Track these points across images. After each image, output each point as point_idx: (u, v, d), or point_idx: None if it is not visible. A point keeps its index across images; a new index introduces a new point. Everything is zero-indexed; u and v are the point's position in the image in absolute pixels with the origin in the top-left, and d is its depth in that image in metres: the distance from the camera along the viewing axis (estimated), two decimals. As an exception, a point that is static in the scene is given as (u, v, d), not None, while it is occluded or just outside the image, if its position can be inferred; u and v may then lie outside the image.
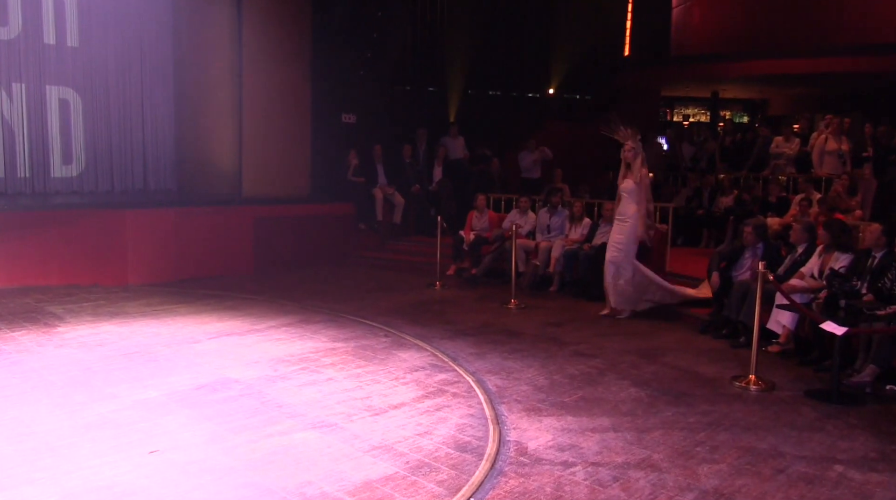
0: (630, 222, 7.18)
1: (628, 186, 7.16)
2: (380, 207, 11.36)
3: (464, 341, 6.34)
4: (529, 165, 12.54)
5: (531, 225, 9.73)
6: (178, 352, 5.76)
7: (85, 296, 7.99)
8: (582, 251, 8.64)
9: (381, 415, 4.44)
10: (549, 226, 9.46)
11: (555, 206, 9.50)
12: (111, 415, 4.30)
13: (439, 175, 12.07)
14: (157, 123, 10.88)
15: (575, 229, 9.18)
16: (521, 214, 9.83)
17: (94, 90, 10.24)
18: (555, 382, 5.25)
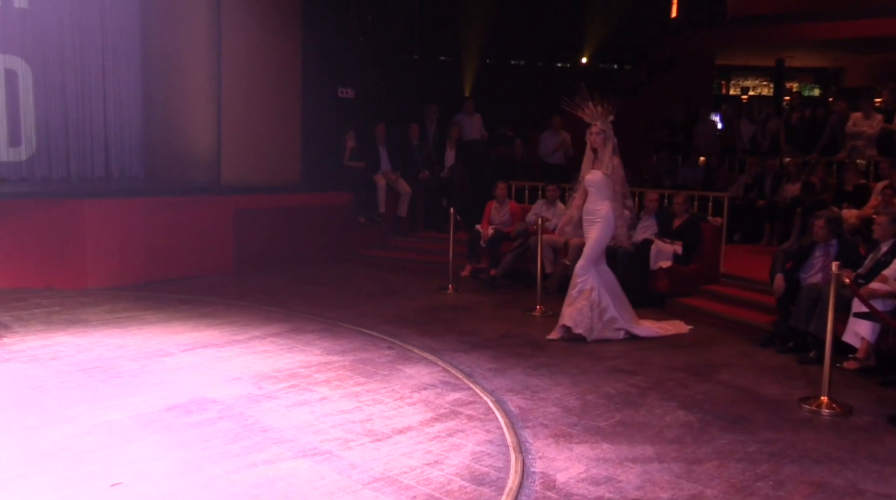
0: (600, 224, 6.81)
1: (595, 179, 6.81)
2: (382, 197, 11.36)
3: (481, 355, 6.31)
4: (552, 149, 12.49)
5: (560, 218, 9.67)
6: (145, 367, 5.77)
7: (36, 301, 8.03)
8: (620, 249, 8.58)
9: (384, 441, 4.43)
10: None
11: (587, 195, 9.45)
12: (67, 441, 4.31)
13: (452, 160, 12.06)
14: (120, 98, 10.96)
15: (612, 223, 9.12)
16: (549, 205, 9.79)
17: (47, 59, 10.31)
18: (588, 403, 5.22)
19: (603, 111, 6.72)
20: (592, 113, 6.73)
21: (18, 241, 8.73)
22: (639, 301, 8.26)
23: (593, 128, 6.77)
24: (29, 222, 8.80)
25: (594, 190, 6.85)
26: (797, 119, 12.47)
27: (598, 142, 6.79)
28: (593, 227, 6.86)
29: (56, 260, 8.84)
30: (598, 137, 6.78)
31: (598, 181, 6.81)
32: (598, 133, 6.76)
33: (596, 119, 6.74)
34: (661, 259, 8.35)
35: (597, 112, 6.72)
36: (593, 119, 6.75)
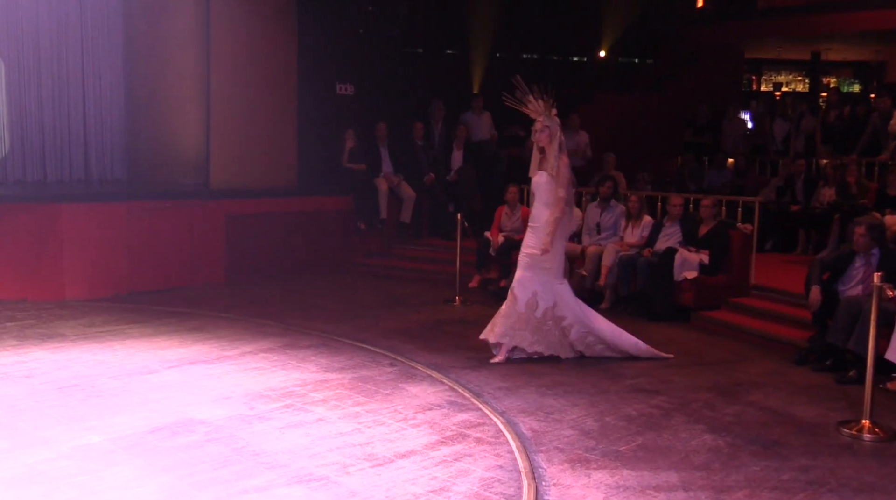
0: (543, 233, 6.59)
1: (541, 181, 6.60)
2: (384, 202, 11.37)
3: (490, 372, 6.31)
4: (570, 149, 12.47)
5: (576, 224, 9.66)
6: (127, 385, 5.78)
7: (9, 314, 8.05)
8: (641, 258, 8.60)
9: (386, 466, 4.42)
10: (598, 226, 9.43)
11: (606, 199, 9.46)
12: (41, 466, 4.31)
13: (460, 161, 12.07)
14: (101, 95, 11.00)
15: (632, 230, 9.14)
16: (564, 210, 9.77)
17: (21, 52, 10.37)
18: (607, 425, 5.21)
19: (546, 105, 6.53)
20: (535, 107, 6.54)
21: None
22: (661, 315, 8.29)
23: (537, 124, 6.57)
24: (1, 229, 8.82)
25: (539, 194, 6.64)
26: (835, 117, 12.46)
27: (543, 139, 6.56)
28: (536, 236, 6.61)
29: (31, 269, 8.87)
30: (543, 134, 6.55)
31: (542, 183, 6.59)
32: (542, 130, 6.55)
33: (539, 114, 6.55)
34: (685, 269, 8.33)
35: (539, 106, 6.54)
36: (536, 114, 6.56)
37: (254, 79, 10.79)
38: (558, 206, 6.52)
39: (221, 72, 10.57)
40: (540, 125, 6.54)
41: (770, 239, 10.83)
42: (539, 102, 6.52)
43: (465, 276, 9.60)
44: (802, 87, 18.74)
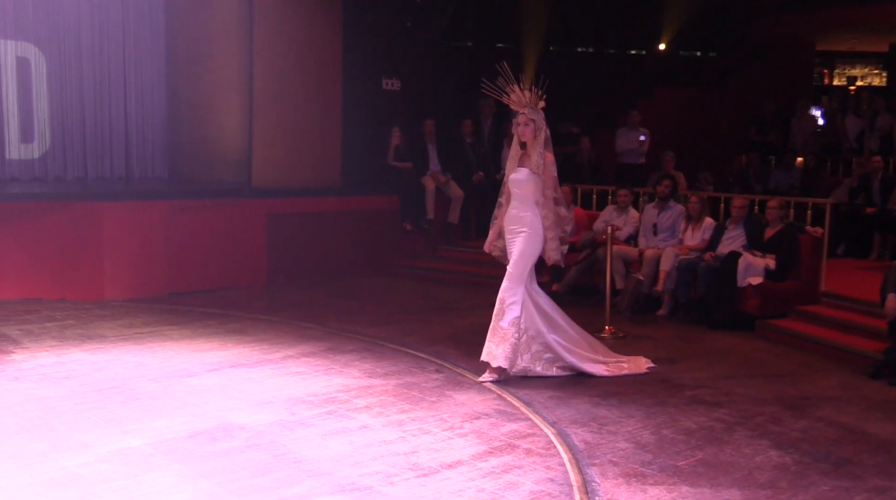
0: (526, 235, 6.24)
1: (521, 178, 6.26)
2: (431, 202, 11.41)
3: (541, 381, 6.28)
4: (629, 148, 12.40)
5: (633, 226, 9.62)
6: (167, 388, 5.87)
7: (49, 314, 8.24)
8: (702, 262, 8.50)
9: (431, 477, 4.43)
10: (656, 228, 9.35)
11: (664, 199, 9.38)
12: (80, 470, 4.40)
13: (510, 159, 12.03)
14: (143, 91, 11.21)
15: (693, 233, 9.06)
16: (620, 211, 9.73)
17: (63, 46, 10.60)
18: (664, 438, 5.15)
19: (532, 97, 6.25)
20: (519, 99, 6.28)
21: (29, 247, 8.97)
22: (723, 323, 8.18)
23: (520, 117, 6.27)
24: (41, 227, 9.04)
25: (519, 192, 6.30)
26: (913, 114, 12.19)
27: (527, 134, 6.25)
28: (518, 238, 6.28)
29: (70, 269, 9.07)
30: (527, 129, 6.24)
31: (523, 181, 6.26)
32: (527, 123, 6.23)
33: (523, 107, 6.26)
34: (750, 275, 8.21)
35: (524, 98, 6.26)
36: (520, 106, 6.28)
37: (297, 74, 10.90)
38: (549, 207, 6.27)
39: (264, 67, 10.70)
40: (524, 118, 6.24)
41: (842, 243, 10.65)
42: (525, 93, 6.25)
43: (514, 279, 9.56)
44: (879, 81, 18.35)
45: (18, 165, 10.48)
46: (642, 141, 12.04)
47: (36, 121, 10.54)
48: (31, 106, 10.48)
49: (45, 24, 10.41)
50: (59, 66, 10.60)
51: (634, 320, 8.63)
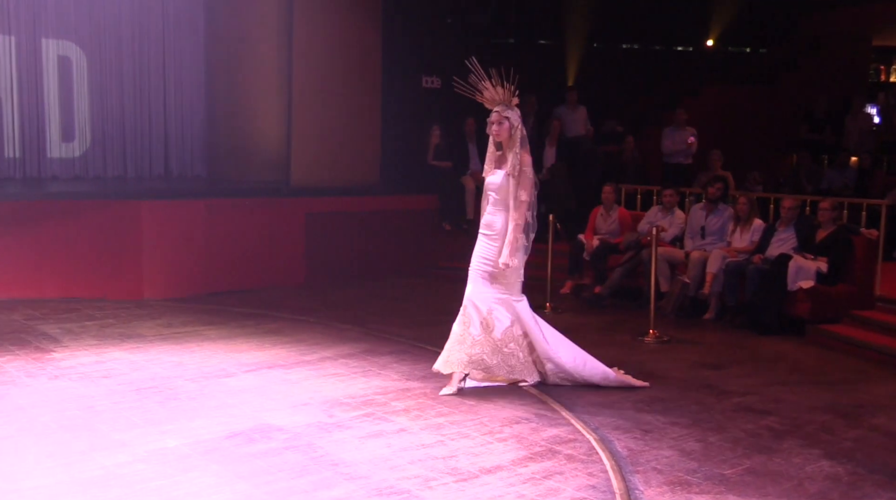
0: (500, 243, 5.96)
1: (497, 182, 5.96)
2: (471, 201, 11.41)
3: (583, 385, 6.24)
4: (676, 147, 12.30)
5: (679, 228, 9.55)
6: (204, 389, 5.95)
7: (88, 313, 8.39)
8: (751, 265, 8.40)
9: (470, 482, 4.42)
10: (703, 229, 9.27)
11: (715, 201, 9.29)
12: (118, 469, 4.47)
13: (552, 159, 12.02)
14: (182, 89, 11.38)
15: (741, 235, 8.96)
16: (665, 212, 9.66)
17: (103, 44, 10.80)
18: (711, 446, 5.10)
19: (506, 93, 5.95)
20: (492, 96, 5.97)
21: (70, 246, 9.14)
22: (772, 327, 8.08)
23: (493, 115, 5.96)
24: (81, 226, 9.20)
25: (496, 196, 5.99)
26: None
27: (503, 133, 5.92)
28: (491, 246, 6.00)
29: (110, 268, 9.22)
30: (502, 128, 5.91)
31: (501, 185, 5.94)
32: (501, 122, 5.91)
33: (496, 104, 5.96)
34: (801, 278, 8.10)
35: (497, 94, 5.96)
36: (493, 103, 5.97)
37: (336, 72, 10.97)
38: (520, 211, 5.92)
39: (303, 65, 10.79)
40: (498, 117, 5.92)
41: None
42: (497, 89, 5.95)
43: (556, 281, 9.55)
44: (938, 77, 17.97)
45: (59, 163, 10.70)
46: (690, 143, 11.93)
47: (77, 120, 10.75)
48: (72, 105, 10.69)
49: (87, 22, 10.61)
50: (99, 65, 10.80)
51: (679, 323, 8.56)
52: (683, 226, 9.52)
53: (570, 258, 9.99)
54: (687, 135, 12.03)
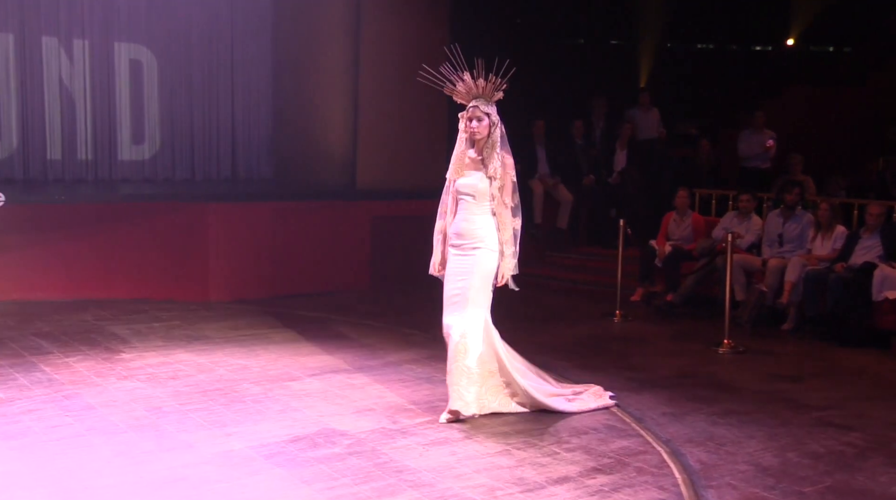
0: (482, 250, 5.52)
1: (475, 184, 5.51)
2: (539, 206, 11.38)
3: (654, 396, 6.20)
4: (754, 151, 12.07)
5: (755, 235, 9.39)
6: (269, 392, 6.04)
7: (156, 314, 8.60)
8: (833, 274, 8.21)
9: (537, 492, 4.41)
10: (782, 236, 9.11)
11: (791, 207, 9.12)
12: (184, 470, 4.58)
13: (623, 163, 11.92)
14: (249, 91, 11.60)
15: (822, 242, 8.78)
16: (742, 218, 9.51)
17: (173, 48, 11.07)
18: (789, 462, 5.00)
19: (489, 87, 5.52)
20: (469, 89, 5.53)
21: (139, 248, 9.38)
22: (855, 339, 7.88)
23: (471, 111, 5.49)
24: (150, 228, 9.44)
25: (473, 201, 5.52)
26: None
27: (482, 131, 5.49)
28: (470, 256, 5.53)
29: (177, 270, 9.43)
30: (482, 125, 5.48)
31: (478, 187, 5.50)
32: (480, 118, 5.48)
33: (474, 98, 5.53)
34: (887, 288, 7.89)
35: (475, 87, 5.53)
36: (467, 98, 5.54)
37: (403, 75, 11.03)
38: (507, 218, 5.56)
39: (370, 69, 10.89)
40: (477, 112, 5.48)
41: None
42: (479, 82, 5.51)
43: (626, 288, 9.46)
44: None
45: (130, 165, 11.00)
46: (769, 146, 11.71)
47: (147, 122, 11.05)
48: (143, 108, 10.99)
49: (157, 27, 10.90)
50: (169, 69, 11.08)
51: (756, 334, 8.41)
52: (760, 232, 9.36)
53: (641, 265, 9.90)
54: (765, 138, 11.79)
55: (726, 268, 8.11)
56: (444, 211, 5.74)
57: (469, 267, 5.53)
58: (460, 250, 5.58)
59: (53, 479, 4.41)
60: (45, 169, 10.47)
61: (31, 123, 10.33)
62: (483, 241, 5.53)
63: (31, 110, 10.31)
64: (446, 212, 5.72)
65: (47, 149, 10.45)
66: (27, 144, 10.33)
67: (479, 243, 5.54)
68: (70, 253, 9.17)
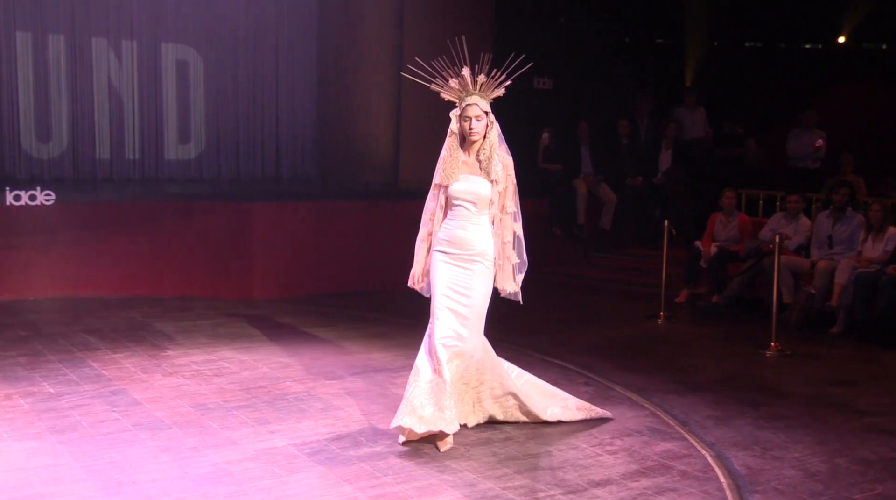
0: (482, 264, 5.09)
1: (475, 190, 5.08)
2: (583, 206, 11.35)
3: (699, 399, 6.15)
4: (802, 150, 11.90)
5: (804, 236, 9.28)
6: (312, 390, 6.09)
7: (201, 312, 8.72)
8: (884, 276, 8.10)
9: (578, 494, 4.39)
10: (831, 238, 8.98)
11: (841, 208, 8.99)
12: (228, 467, 4.63)
13: (669, 162, 11.83)
14: (294, 92, 11.70)
15: (873, 244, 8.66)
16: (790, 219, 9.40)
17: (219, 49, 11.21)
18: (838, 468, 4.93)
19: (490, 84, 5.09)
20: (466, 86, 5.08)
21: (184, 246, 9.53)
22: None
23: (468, 109, 5.06)
24: (196, 226, 9.58)
25: (473, 207, 5.09)
26: None
27: (481, 131, 5.09)
28: (470, 269, 5.08)
29: (222, 268, 9.56)
30: (480, 125, 5.07)
31: (480, 193, 5.08)
32: (479, 118, 5.07)
33: (468, 95, 5.11)
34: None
35: (474, 85, 5.08)
36: (459, 94, 5.14)
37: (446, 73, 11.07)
38: (507, 226, 5.20)
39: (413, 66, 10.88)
40: (477, 110, 5.07)
41: None
42: (478, 79, 5.08)
43: (671, 290, 9.39)
44: None
45: (176, 165, 11.16)
46: (818, 146, 11.54)
47: (193, 122, 11.19)
48: (189, 108, 11.13)
49: (204, 28, 11.04)
50: (215, 69, 11.21)
51: (804, 337, 8.30)
52: (809, 234, 9.24)
53: (686, 266, 9.84)
54: (815, 137, 11.63)
55: (773, 270, 8.01)
56: (429, 218, 5.25)
57: (469, 282, 5.07)
58: (454, 259, 5.10)
59: (101, 472, 4.48)
60: (94, 168, 10.66)
61: (81, 123, 10.52)
62: (483, 255, 5.09)
63: (80, 110, 10.51)
64: (432, 219, 5.25)
65: (96, 148, 10.63)
66: (77, 143, 10.53)
67: (477, 257, 5.08)
68: (118, 251, 9.33)
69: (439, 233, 5.18)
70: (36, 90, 10.27)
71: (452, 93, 5.17)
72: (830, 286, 8.54)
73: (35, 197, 8.86)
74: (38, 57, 10.23)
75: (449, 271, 5.10)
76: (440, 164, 5.21)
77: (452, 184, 5.11)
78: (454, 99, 5.17)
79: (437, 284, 5.13)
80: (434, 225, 5.23)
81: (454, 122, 5.19)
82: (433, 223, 5.24)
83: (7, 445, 4.85)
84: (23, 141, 10.25)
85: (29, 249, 9.01)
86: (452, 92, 5.17)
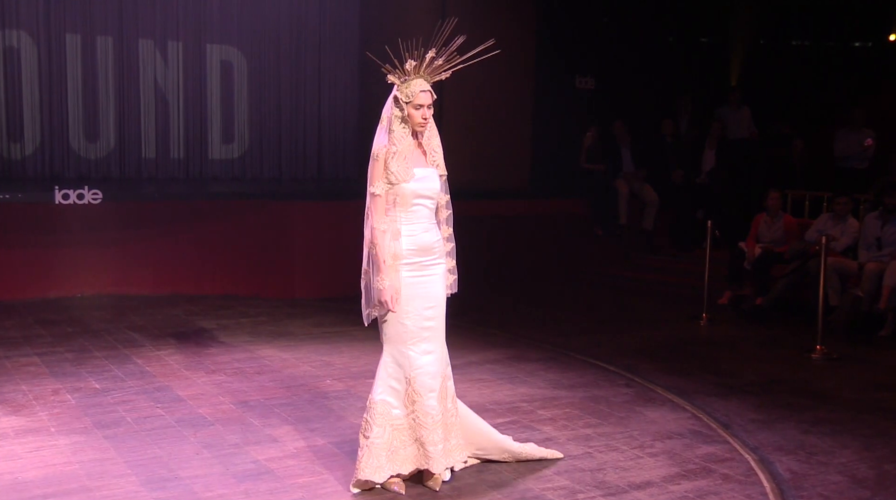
0: (443, 273, 4.68)
1: (433, 187, 4.55)
2: (624, 206, 11.28)
3: (742, 402, 6.09)
4: (851, 150, 11.71)
5: (851, 237, 9.14)
6: (352, 389, 6.13)
7: (243, 310, 8.81)
8: (933, 279, 7.93)
9: (619, 496, 4.38)
10: (880, 240, 8.82)
11: (891, 210, 8.83)
12: (269, 464, 4.67)
13: (712, 162, 11.72)
14: (336, 93, 11.80)
15: (924, 246, 8.47)
16: (837, 220, 9.26)
17: (263, 49, 11.34)
18: (886, 474, 4.85)
19: (433, 65, 4.43)
20: (417, 68, 4.43)
21: (227, 245, 9.64)
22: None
23: (422, 96, 4.40)
24: (238, 225, 9.68)
25: (429, 206, 4.58)
26: None
27: (429, 118, 4.51)
28: (432, 278, 4.58)
29: (264, 267, 9.65)
30: (430, 112, 4.48)
31: (438, 190, 4.60)
32: (430, 105, 4.46)
33: (415, 77, 4.44)
34: None
35: (423, 63, 4.42)
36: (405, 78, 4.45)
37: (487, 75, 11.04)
38: (449, 223, 4.81)
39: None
40: (429, 97, 4.44)
41: None
42: (427, 56, 4.41)
43: (714, 291, 9.30)
44: None
45: (220, 164, 11.31)
46: (867, 145, 11.34)
47: (236, 122, 11.33)
48: (233, 108, 11.28)
49: (248, 29, 11.18)
50: (258, 70, 11.34)
51: (851, 340, 8.18)
52: (857, 235, 9.09)
53: (730, 267, 9.74)
54: (864, 137, 11.43)
55: (819, 272, 7.90)
56: (394, 230, 4.53)
57: (434, 290, 4.58)
58: (418, 269, 4.52)
59: (144, 467, 4.55)
60: (140, 167, 10.84)
61: (128, 123, 10.71)
62: (441, 256, 4.64)
63: (127, 111, 10.69)
64: (397, 231, 4.54)
65: (142, 148, 10.81)
66: (124, 143, 10.72)
67: (439, 259, 4.62)
68: (162, 249, 9.46)
69: (403, 244, 4.51)
70: (84, 91, 10.48)
71: (397, 75, 4.47)
72: (878, 289, 8.39)
73: (83, 196, 9.01)
74: (87, 58, 10.44)
75: (418, 288, 4.52)
76: (390, 161, 4.45)
77: (410, 182, 4.46)
78: (395, 81, 4.48)
79: (407, 304, 4.51)
80: (398, 243, 4.53)
81: (395, 108, 4.47)
82: (396, 243, 4.53)
83: (55, 439, 4.94)
84: (71, 141, 10.46)
85: (76, 246, 9.17)
86: (400, 74, 4.46)
